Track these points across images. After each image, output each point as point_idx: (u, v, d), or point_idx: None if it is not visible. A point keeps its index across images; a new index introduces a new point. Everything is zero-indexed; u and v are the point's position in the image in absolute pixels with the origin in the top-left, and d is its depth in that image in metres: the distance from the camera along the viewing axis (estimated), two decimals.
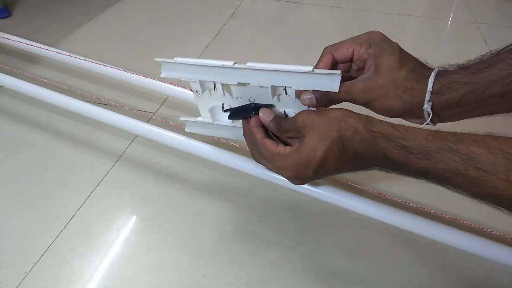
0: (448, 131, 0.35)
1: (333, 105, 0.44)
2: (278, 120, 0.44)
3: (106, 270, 0.53)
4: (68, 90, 0.77)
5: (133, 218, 0.60)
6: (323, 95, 0.42)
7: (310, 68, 0.40)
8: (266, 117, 0.44)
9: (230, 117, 0.49)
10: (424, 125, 0.42)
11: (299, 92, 0.43)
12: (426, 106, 0.41)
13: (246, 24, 1.23)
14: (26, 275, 0.52)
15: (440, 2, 1.42)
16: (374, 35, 0.43)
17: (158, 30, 1.17)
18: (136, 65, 0.91)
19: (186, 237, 0.57)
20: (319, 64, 0.44)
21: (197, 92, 0.49)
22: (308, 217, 0.60)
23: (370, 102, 0.42)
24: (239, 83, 0.45)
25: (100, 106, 0.65)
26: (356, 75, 0.44)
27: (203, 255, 0.55)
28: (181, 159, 0.69)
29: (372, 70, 0.42)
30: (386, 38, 0.43)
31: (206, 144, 0.57)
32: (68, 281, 0.51)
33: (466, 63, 0.41)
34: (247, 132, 0.46)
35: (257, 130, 0.44)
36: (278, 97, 0.45)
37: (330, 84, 0.41)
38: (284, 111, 0.46)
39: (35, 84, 0.70)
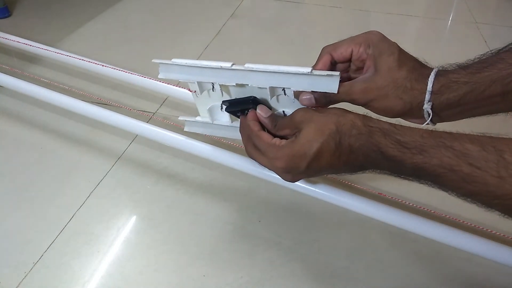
0: (444, 130, 0.36)
1: (332, 105, 0.44)
2: (275, 118, 0.44)
3: (106, 270, 0.53)
4: (68, 90, 0.77)
5: (133, 218, 0.60)
6: (322, 96, 0.42)
7: (309, 70, 0.40)
8: (263, 114, 0.44)
9: (228, 109, 0.48)
10: (424, 125, 0.42)
11: (298, 93, 0.43)
12: (426, 106, 0.41)
13: (246, 24, 1.23)
14: (26, 275, 0.52)
15: (440, 2, 1.42)
16: (373, 35, 0.43)
17: (158, 30, 1.17)
18: (136, 65, 0.91)
19: (186, 237, 0.57)
20: (318, 64, 0.44)
21: (196, 93, 0.49)
22: (308, 217, 0.60)
23: (370, 103, 0.42)
24: (238, 84, 0.44)
25: (100, 106, 0.65)
26: (355, 75, 0.44)
27: (203, 255, 0.55)
28: (181, 159, 0.69)
29: (372, 71, 0.42)
30: (385, 38, 0.43)
31: (206, 144, 0.57)
32: (68, 281, 0.51)
33: (466, 63, 0.41)
34: (243, 126, 0.46)
35: (254, 124, 0.44)
36: (277, 98, 0.45)
37: (329, 85, 0.41)
38: (283, 111, 0.46)
39: (35, 84, 0.70)
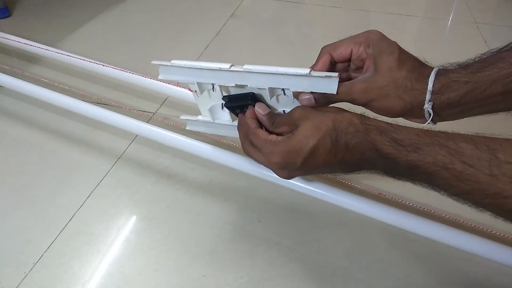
0: (439, 130, 0.36)
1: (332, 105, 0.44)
2: (273, 115, 0.44)
3: (106, 270, 0.53)
4: (68, 90, 0.77)
5: (133, 218, 0.60)
6: (322, 96, 0.42)
7: (307, 71, 0.40)
8: (261, 111, 0.44)
9: (227, 105, 0.48)
10: (425, 125, 0.42)
11: (297, 93, 0.43)
12: (427, 106, 0.41)
13: (246, 24, 1.23)
14: (26, 275, 0.52)
15: (440, 2, 1.42)
16: (373, 35, 0.43)
17: (158, 30, 1.17)
18: (136, 65, 0.92)
19: (186, 237, 0.57)
20: (317, 64, 0.44)
21: (196, 93, 0.49)
22: (308, 217, 0.60)
23: (370, 103, 0.42)
24: (237, 85, 0.45)
25: (100, 106, 0.65)
26: (355, 75, 0.44)
27: (203, 255, 0.55)
28: (181, 159, 0.69)
29: (372, 70, 0.42)
30: (385, 37, 0.43)
31: (206, 144, 0.57)
32: (68, 281, 0.51)
33: (467, 62, 0.41)
34: (241, 124, 0.46)
35: (251, 121, 0.44)
36: (277, 98, 0.45)
37: (328, 87, 0.41)
38: (283, 111, 0.46)
39: (35, 84, 0.70)
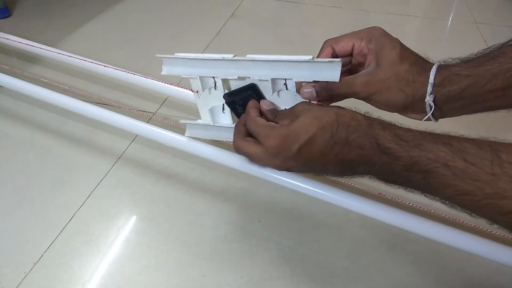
0: (442, 133, 0.36)
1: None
2: (276, 110, 0.44)
3: (106, 270, 0.53)
4: (68, 90, 0.77)
5: (133, 218, 0.60)
6: (324, 89, 0.42)
7: (310, 57, 0.41)
8: (265, 106, 0.44)
9: (228, 100, 0.48)
10: (426, 118, 0.42)
11: (300, 85, 0.43)
12: (428, 99, 0.41)
13: (246, 24, 1.23)
14: (26, 275, 0.52)
15: (440, 2, 1.42)
16: (375, 30, 0.43)
17: (158, 30, 1.17)
18: (136, 65, 0.92)
19: (186, 237, 0.57)
20: (320, 56, 0.44)
21: (198, 93, 0.49)
22: (308, 217, 0.60)
23: (372, 96, 0.42)
24: (239, 78, 0.45)
25: (100, 106, 0.65)
26: (356, 70, 0.44)
27: (203, 255, 0.55)
28: (181, 159, 0.69)
29: (373, 65, 0.42)
30: (387, 33, 0.43)
31: (206, 145, 0.57)
32: (68, 281, 0.51)
33: (468, 57, 0.41)
34: (240, 119, 0.46)
35: (253, 110, 0.44)
36: (278, 93, 0.45)
37: (331, 74, 0.41)
38: (285, 109, 0.46)
39: (35, 84, 0.70)
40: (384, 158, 0.36)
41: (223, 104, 0.49)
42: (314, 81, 0.42)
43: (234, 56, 0.44)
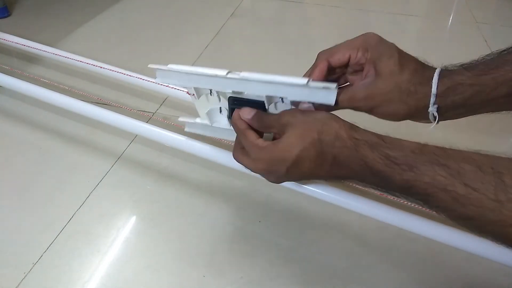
0: (436, 146, 0.34)
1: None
2: (260, 116, 0.42)
3: (106, 270, 0.53)
4: (68, 90, 0.77)
5: (133, 218, 0.60)
6: (323, 104, 0.41)
7: (305, 81, 0.39)
8: (246, 115, 0.42)
9: (231, 103, 0.46)
10: (432, 127, 0.42)
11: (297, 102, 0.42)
12: (432, 109, 0.40)
13: (246, 24, 1.23)
14: (26, 275, 0.52)
15: (441, 2, 1.42)
16: (370, 38, 0.41)
17: (158, 30, 1.17)
18: (136, 65, 0.91)
19: (186, 237, 0.57)
20: (314, 72, 0.42)
21: (194, 96, 0.49)
22: (308, 217, 0.60)
23: (374, 109, 0.41)
24: (234, 92, 0.44)
25: (100, 106, 0.65)
26: (353, 78, 0.43)
27: (203, 256, 0.55)
28: (181, 159, 0.69)
29: (372, 75, 0.41)
30: (383, 40, 0.42)
31: (206, 144, 0.57)
32: (68, 281, 0.51)
33: (470, 64, 0.40)
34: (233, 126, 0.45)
35: (241, 122, 0.43)
36: (275, 105, 0.44)
37: (326, 98, 0.39)
38: (272, 114, 0.45)
39: (35, 84, 0.70)
40: (378, 179, 0.35)
41: (220, 107, 0.49)
42: None
43: (228, 73, 0.42)
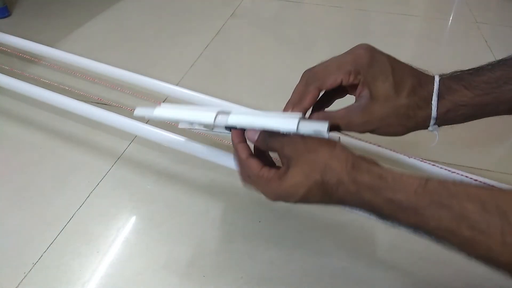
0: (439, 181, 0.33)
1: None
2: (264, 139, 0.40)
3: (106, 270, 0.53)
4: (68, 91, 0.77)
5: (133, 218, 0.60)
6: None
7: (294, 128, 0.37)
8: (250, 136, 0.41)
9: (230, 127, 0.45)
10: (433, 145, 0.42)
11: None
12: (432, 129, 0.40)
13: (246, 24, 1.23)
14: (26, 275, 0.52)
15: (441, 2, 1.42)
16: (360, 58, 0.39)
17: (158, 30, 1.17)
18: (136, 65, 0.92)
19: (186, 237, 0.57)
20: (305, 100, 0.40)
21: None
22: (308, 217, 0.60)
23: (373, 131, 0.41)
24: (227, 126, 0.42)
25: (100, 107, 0.65)
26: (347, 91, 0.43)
27: (203, 256, 0.55)
28: (181, 159, 0.69)
29: (366, 97, 0.39)
30: (374, 58, 0.39)
31: (205, 145, 0.57)
32: (68, 282, 0.51)
33: (469, 81, 0.39)
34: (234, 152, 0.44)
35: (242, 147, 0.41)
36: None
37: (319, 135, 0.38)
38: (277, 139, 0.45)
39: (35, 85, 0.70)
40: (385, 219, 0.35)
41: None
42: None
43: (216, 117, 0.40)
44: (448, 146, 0.71)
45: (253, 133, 0.41)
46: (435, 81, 0.39)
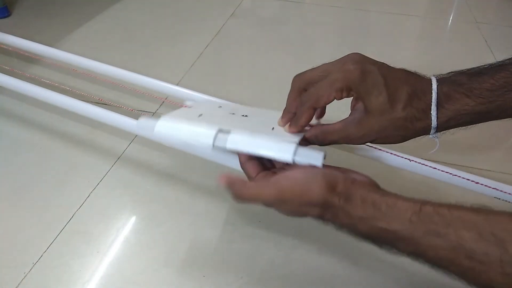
0: (434, 207, 0.32)
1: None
2: (264, 176, 0.41)
3: (106, 270, 0.53)
4: (68, 91, 0.77)
5: (133, 218, 0.60)
6: (319, 141, 0.42)
7: (290, 159, 0.38)
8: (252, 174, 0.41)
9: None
10: (433, 151, 0.42)
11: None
12: (433, 137, 0.40)
13: (246, 24, 1.23)
14: (26, 275, 0.52)
15: (441, 2, 1.42)
16: (351, 74, 0.38)
17: (158, 30, 1.17)
18: (136, 65, 0.92)
19: (186, 237, 0.57)
20: (301, 119, 0.41)
21: None
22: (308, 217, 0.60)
23: (372, 141, 0.41)
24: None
25: (100, 106, 0.65)
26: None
27: (203, 255, 0.55)
28: (181, 159, 0.69)
29: (362, 110, 0.39)
30: (365, 72, 0.37)
31: None
32: (68, 281, 0.51)
33: (470, 89, 0.38)
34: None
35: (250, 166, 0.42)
36: None
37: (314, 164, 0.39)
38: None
39: (35, 85, 0.70)
40: (385, 247, 0.35)
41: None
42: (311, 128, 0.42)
43: (215, 141, 0.41)
44: (448, 147, 0.71)
45: (253, 170, 0.42)
46: (433, 89, 0.38)
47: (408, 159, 0.54)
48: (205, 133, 0.41)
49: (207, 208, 0.61)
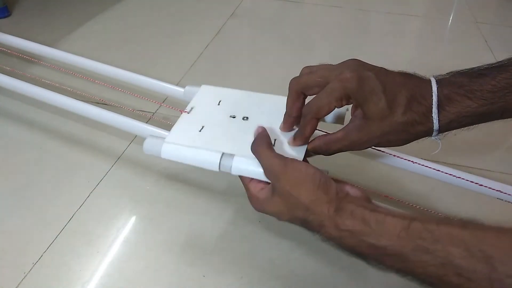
0: (423, 222, 0.31)
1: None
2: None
3: (106, 270, 0.53)
4: (68, 91, 0.77)
5: (133, 218, 0.60)
6: (322, 150, 0.42)
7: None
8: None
9: None
10: (435, 152, 0.42)
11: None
12: (435, 139, 0.40)
13: (246, 24, 1.23)
14: (26, 275, 0.52)
15: (441, 2, 1.42)
16: (348, 83, 0.37)
17: (158, 30, 1.16)
18: (136, 65, 0.92)
19: (186, 237, 0.57)
20: (305, 131, 0.41)
21: None
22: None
23: (375, 146, 0.41)
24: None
25: (100, 106, 0.65)
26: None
27: (203, 255, 0.55)
28: None
29: (361, 117, 0.39)
30: (362, 79, 0.37)
31: None
32: (68, 282, 0.51)
33: (472, 91, 0.37)
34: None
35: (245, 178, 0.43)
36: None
37: None
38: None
39: (35, 85, 0.70)
40: (373, 263, 0.34)
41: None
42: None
43: (220, 166, 0.43)
44: (448, 147, 0.71)
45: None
46: (433, 92, 0.38)
47: (411, 161, 0.54)
48: (210, 160, 0.44)
49: (207, 208, 0.61)
